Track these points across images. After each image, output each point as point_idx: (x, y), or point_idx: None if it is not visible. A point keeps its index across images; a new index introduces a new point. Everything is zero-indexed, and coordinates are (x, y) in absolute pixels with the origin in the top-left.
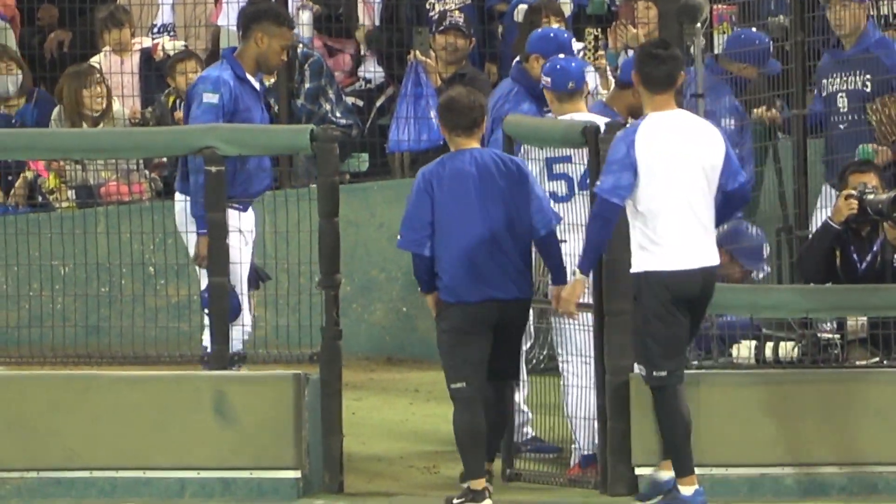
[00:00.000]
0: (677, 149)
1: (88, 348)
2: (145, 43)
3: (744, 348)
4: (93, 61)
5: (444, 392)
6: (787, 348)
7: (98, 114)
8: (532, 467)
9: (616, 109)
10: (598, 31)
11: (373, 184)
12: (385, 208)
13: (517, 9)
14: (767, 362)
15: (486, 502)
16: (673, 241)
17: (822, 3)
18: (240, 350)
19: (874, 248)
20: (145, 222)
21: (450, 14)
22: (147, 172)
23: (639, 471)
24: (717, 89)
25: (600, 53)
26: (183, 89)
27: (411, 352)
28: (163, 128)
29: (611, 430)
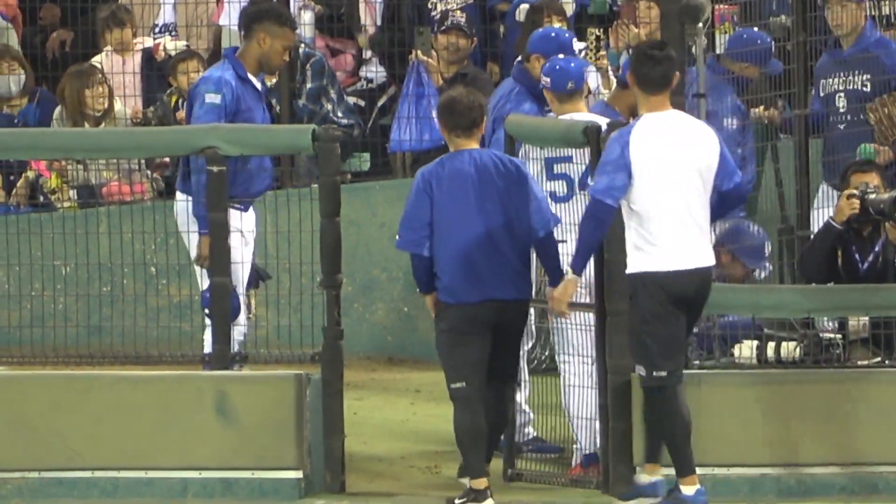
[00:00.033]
0: (672, 150)
1: (90, 348)
2: (147, 43)
3: (745, 348)
4: (94, 61)
5: (445, 392)
6: (788, 348)
7: (100, 113)
8: (534, 467)
9: (617, 109)
10: (599, 31)
11: (374, 183)
12: (387, 208)
13: (519, 8)
14: (769, 362)
15: (489, 502)
16: (668, 241)
17: (821, 3)
18: (240, 350)
19: (876, 248)
20: (147, 222)
21: (451, 14)
22: (149, 172)
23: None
24: (720, 89)
25: (602, 54)
26: (185, 89)
27: (413, 352)
28: (164, 128)
29: (612, 431)
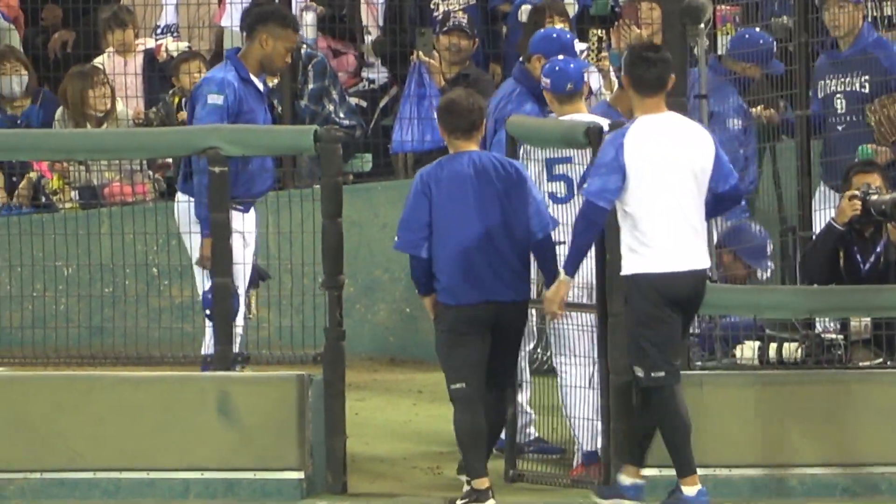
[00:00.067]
0: (666, 151)
1: (92, 349)
2: (149, 44)
3: (747, 349)
4: (96, 62)
5: (447, 393)
6: (790, 349)
7: (102, 114)
8: (535, 468)
9: (619, 110)
10: (601, 31)
11: (376, 184)
12: (388, 209)
13: (521, 9)
14: (771, 363)
15: (490, 502)
16: (662, 243)
17: (818, 4)
18: (241, 351)
19: (878, 249)
20: (149, 223)
21: (453, 15)
22: (151, 173)
23: (642, 471)
24: (722, 90)
25: (603, 55)
26: (188, 89)
27: (415, 352)
28: (166, 128)
29: (614, 431)
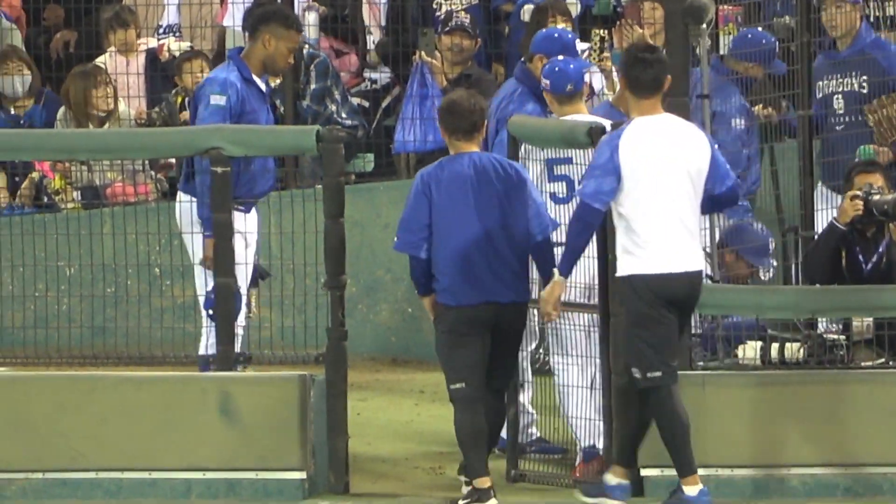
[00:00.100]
0: (662, 153)
1: (94, 349)
2: (151, 43)
3: (749, 349)
4: (98, 62)
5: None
6: (792, 349)
7: (105, 114)
8: (537, 468)
9: (622, 110)
10: (603, 32)
11: (378, 184)
12: (391, 209)
13: (523, 8)
14: (773, 363)
15: (492, 501)
16: (656, 244)
17: (816, 4)
18: (242, 351)
19: (880, 249)
20: (151, 223)
21: (455, 15)
22: (153, 173)
23: (644, 472)
24: (726, 90)
25: (605, 55)
26: (191, 88)
27: (417, 352)
28: (168, 128)
29: (615, 431)
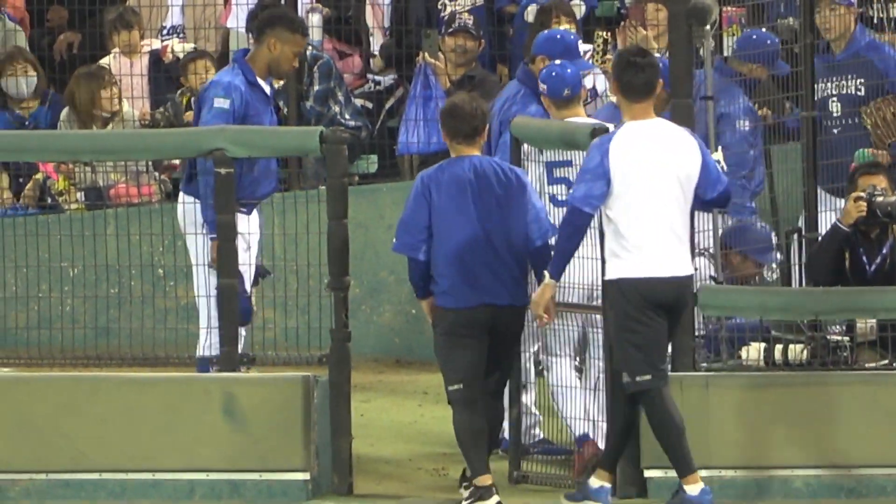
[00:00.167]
0: (653, 158)
1: (97, 350)
2: (154, 45)
3: (753, 350)
4: (102, 63)
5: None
6: (796, 350)
7: (110, 115)
8: (540, 469)
9: None
10: (606, 33)
11: (382, 185)
12: (394, 210)
13: (527, 9)
14: (776, 365)
15: (494, 498)
16: (645, 249)
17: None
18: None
19: (883, 251)
20: (154, 224)
21: (459, 16)
22: (156, 174)
23: (648, 473)
24: (731, 91)
25: (608, 57)
26: (196, 89)
27: (420, 353)
28: (172, 129)
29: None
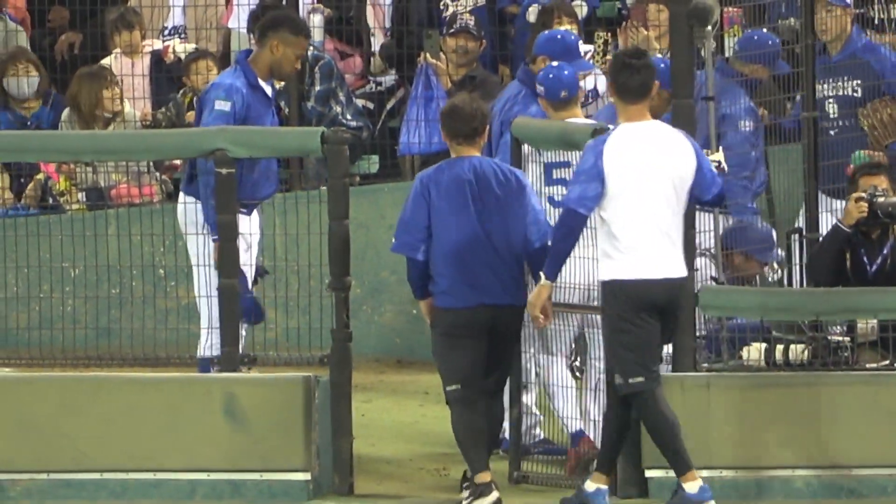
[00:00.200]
0: (647, 160)
1: (99, 350)
2: (156, 45)
3: (754, 351)
4: (103, 63)
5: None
6: (797, 351)
7: (111, 115)
8: (540, 469)
9: None
10: (607, 34)
11: (383, 186)
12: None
13: (529, 9)
14: (777, 365)
15: (494, 494)
16: (638, 250)
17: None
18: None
19: (884, 251)
20: (156, 224)
21: (460, 16)
22: (158, 174)
23: (649, 473)
24: (733, 92)
25: (609, 58)
26: (200, 88)
27: (421, 353)
28: (173, 130)
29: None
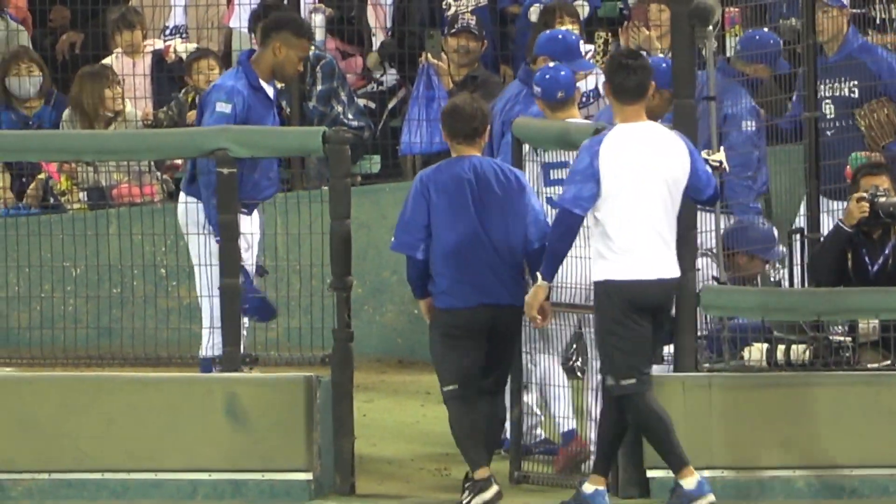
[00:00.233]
0: (641, 161)
1: (100, 350)
2: (157, 45)
3: (755, 351)
4: (104, 63)
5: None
6: (798, 351)
7: (113, 115)
8: (542, 469)
9: None
10: (608, 34)
11: (384, 186)
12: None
13: (531, 8)
14: (779, 365)
15: (493, 488)
16: (631, 251)
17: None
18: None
19: (886, 251)
20: (157, 224)
21: (461, 16)
22: (159, 174)
23: (650, 473)
24: (735, 92)
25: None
26: (202, 87)
27: (423, 354)
28: (175, 129)
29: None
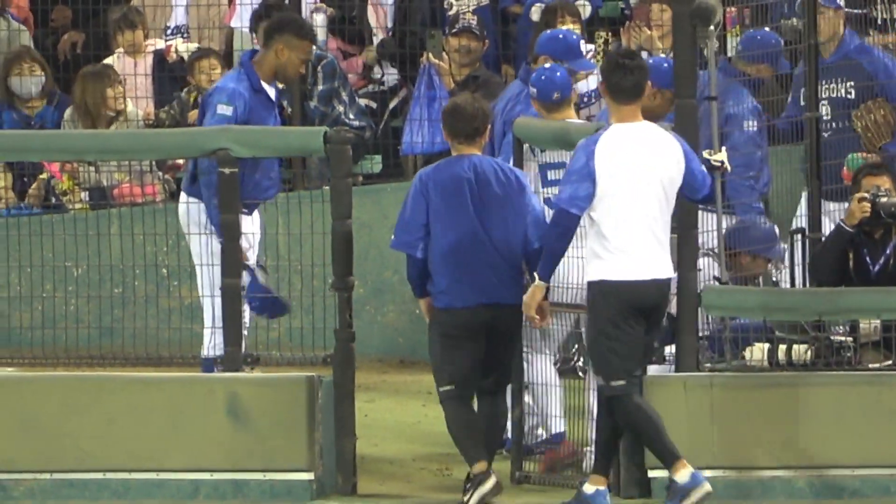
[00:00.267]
0: (637, 161)
1: (101, 349)
2: (159, 44)
3: (756, 351)
4: (106, 63)
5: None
6: (799, 351)
7: (114, 114)
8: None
9: None
10: (608, 34)
11: (386, 186)
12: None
13: (532, 8)
14: (780, 365)
15: (492, 480)
16: (626, 251)
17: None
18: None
19: (887, 251)
20: (158, 224)
21: (463, 16)
22: (160, 174)
23: (651, 473)
24: (737, 92)
25: None
26: (204, 87)
27: (424, 354)
28: (176, 129)
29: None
